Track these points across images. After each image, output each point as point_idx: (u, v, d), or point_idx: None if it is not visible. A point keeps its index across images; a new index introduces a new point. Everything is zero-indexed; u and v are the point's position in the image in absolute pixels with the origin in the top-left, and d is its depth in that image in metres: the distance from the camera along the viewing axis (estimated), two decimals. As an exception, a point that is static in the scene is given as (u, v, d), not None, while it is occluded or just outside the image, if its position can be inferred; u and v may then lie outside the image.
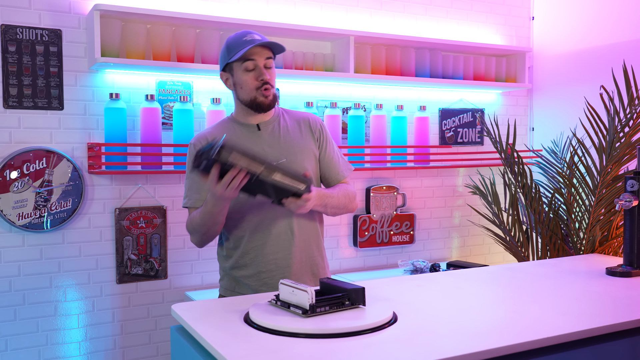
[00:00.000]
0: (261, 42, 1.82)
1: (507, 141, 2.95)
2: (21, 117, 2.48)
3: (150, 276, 2.73)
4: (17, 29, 2.45)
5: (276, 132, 1.91)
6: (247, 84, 1.85)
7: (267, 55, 1.86)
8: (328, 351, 1.17)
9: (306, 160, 1.91)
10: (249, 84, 1.85)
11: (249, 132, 1.90)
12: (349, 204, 1.96)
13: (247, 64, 1.83)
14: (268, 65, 1.86)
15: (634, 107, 2.59)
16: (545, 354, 1.25)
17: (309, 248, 1.93)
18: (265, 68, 1.85)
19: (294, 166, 1.85)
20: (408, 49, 3.20)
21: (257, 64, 1.84)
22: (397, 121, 3.21)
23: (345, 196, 1.93)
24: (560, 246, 2.84)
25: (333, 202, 1.88)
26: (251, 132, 1.90)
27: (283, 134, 1.92)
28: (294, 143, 1.91)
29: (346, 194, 1.94)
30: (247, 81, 1.85)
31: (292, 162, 1.87)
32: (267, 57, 1.86)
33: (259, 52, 1.84)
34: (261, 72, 1.84)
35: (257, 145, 1.87)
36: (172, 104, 2.75)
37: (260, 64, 1.84)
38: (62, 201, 2.52)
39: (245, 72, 1.84)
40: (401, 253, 3.38)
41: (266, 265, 1.88)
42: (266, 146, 1.88)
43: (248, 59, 1.83)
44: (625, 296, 1.60)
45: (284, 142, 1.90)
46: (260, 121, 1.92)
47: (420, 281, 1.80)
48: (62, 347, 2.58)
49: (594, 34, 3.36)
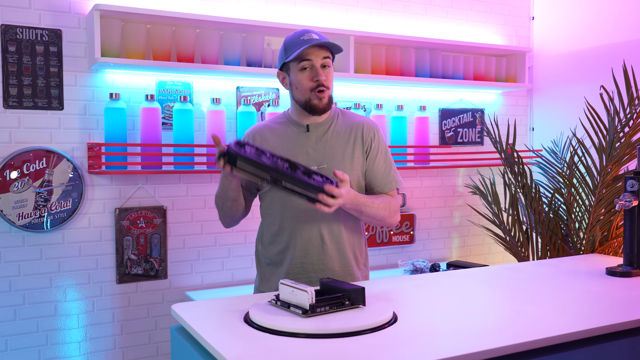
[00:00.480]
0: (318, 42, 1.78)
1: (507, 141, 2.95)
2: (21, 117, 2.48)
3: (150, 276, 2.73)
4: (17, 29, 2.45)
5: (325, 135, 1.87)
6: (302, 84, 1.81)
7: (324, 55, 1.81)
8: (328, 351, 1.17)
9: (350, 170, 1.85)
10: (303, 84, 1.81)
11: (298, 132, 1.87)
12: (388, 217, 1.86)
13: (303, 63, 1.80)
14: (326, 64, 1.82)
15: (634, 107, 2.59)
16: (545, 354, 1.25)
17: (344, 257, 1.88)
18: (321, 68, 1.81)
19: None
20: (408, 49, 3.20)
21: (314, 64, 1.80)
22: (397, 121, 3.21)
23: (385, 209, 1.84)
24: (560, 246, 2.84)
25: (370, 211, 1.80)
26: (300, 132, 1.87)
27: (331, 138, 1.87)
28: (339, 149, 1.86)
29: (387, 207, 1.85)
30: (302, 81, 1.81)
31: (334, 169, 1.81)
32: (325, 57, 1.81)
33: (316, 52, 1.80)
34: (317, 73, 1.80)
35: (301, 147, 1.85)
36: (172, 104, 2.75)
37: (316, 64, 1.80)
38: (62, 201, 2.52)
39: (301, 72, 1.81)
40: (401, 253, 3.38)
41: (293, 267, 1.86)
42: (310, 149, 1.85)
43: (304, 59, 1.79)
44: (625, 296, 1.60)
45: (329, 148, 1.86)
46: (312, 122, 1.88)
47: (420, 281, 1.80)
48: (62, 347, 2.58)
49: (594, 34, 3.36)
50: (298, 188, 1.64)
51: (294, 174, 1.64)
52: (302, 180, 1.64)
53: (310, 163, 1.83)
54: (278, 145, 1.86)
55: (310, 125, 1.87)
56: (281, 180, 1.63)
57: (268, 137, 1.89)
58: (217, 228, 2.85)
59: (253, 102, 2.91)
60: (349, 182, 1.76)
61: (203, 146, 2.69)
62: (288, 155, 1.80)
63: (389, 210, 1.86)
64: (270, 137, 1.89)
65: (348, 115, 1.95)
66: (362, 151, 1.89)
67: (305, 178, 1.65)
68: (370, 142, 1.90)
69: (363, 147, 1.89)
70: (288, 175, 1.63)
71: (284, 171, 1.63)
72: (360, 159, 1.88)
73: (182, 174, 2.77)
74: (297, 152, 1.84)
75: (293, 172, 1.64)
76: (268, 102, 2.94)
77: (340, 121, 1.91)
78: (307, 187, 1.65)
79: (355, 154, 1.87)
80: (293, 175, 1.63)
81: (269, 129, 1.91)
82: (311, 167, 1.73)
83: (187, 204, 2.80)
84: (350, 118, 1.93)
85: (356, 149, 1.88)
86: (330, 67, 1.84)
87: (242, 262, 2.93)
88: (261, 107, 2.93)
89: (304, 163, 1.80)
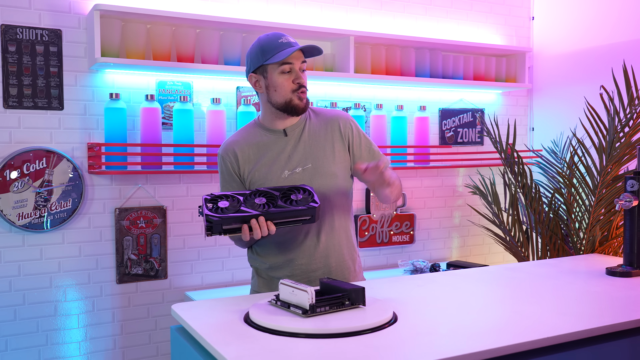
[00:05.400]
0: (302, 47, 1.82)
1: (507, 141, 2.95)
2: (21, 117, 2.48)
3: (150, 276, 2.73)
4: (17, 29, 2.45)
5: (303, 136, 1.88)
6: (283, 86, 1.82)
7: (303, 59, 1.85)
8: (328, 351, 1.17)
9: (333, 164, 1.88)
10: (285, 86, 1.82)
11: (276, 139, 1.88)
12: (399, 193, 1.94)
13: (284, 67, 1.81)
14: (303, 68, 1.85)
15: (634, 107, 2.59)
16: (545, 354, 1.25)
17: (338, 253, 1.91)
18: (300, 71, 1.84)
19: (321, 170, 1.85)
20: (408, 49, 3.20)
21: (294, 67, 1.82)
22: (397, 121, 3.21)
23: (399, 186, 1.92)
24: (560, 246, 2.84)
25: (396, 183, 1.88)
26: (278, 138, 1.88)
27: (310, 138, 1.89)
28: (319, 147, 1.88)
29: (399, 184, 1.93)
30: (283, 84, 1.82)
31: (318, 167, 1.85)
32: (303, 61, 1.85)
33: (297, 55, 1.83)
34: (298, 75, 1.82)
35: (282, 153, 1.86)
36: (172, 104, 2.75)
37: (296, 67, 1.82)
38: (62, 201, 2.52)
39: (282, 75, 1.82)
40: (401, 253, 3.39)
41: (292, 270, 1.87)
42: (291, 153, 1.86)
43: (286, 62, 1.81)
44: (625, 296, 1.60)
45: (309, 147, 1.87)
46: (287, 126, 1.89)
47: (420, 281, 1.80)
48: (62, 347, 2.58)
49: (594, 34, 3.36)
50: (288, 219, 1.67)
51: (277, 211, 1.65)
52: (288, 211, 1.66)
53: (294, 166, 1.84)
54: (259, 157, 1.86)
55: (287, 129, 1.88)
56: (271, 219, 1.65)
57: (247, 151, 1.88)
58: (217, 228, 2.85)
59: (253, 102, 2.91)
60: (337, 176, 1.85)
61: (203, 146, 2.69)
62: (270, 164, 1.83)
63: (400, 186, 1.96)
64: (249, 151, 1.88)
65: (319, 112, 1.97)
66: (342, 144, 1.91)
67: (289, 207, 1.67)
68: (350, 135, 1.93)
69: (343, 141, 1.91)
70: (274, 214, 1.65)
71: (268, 212, 1.65)
72: (342, 152, 1.91)
73: (182, 174, 2.77)
74: (279, 159, 1.85)
75: (275, 207, 1.67)
76: (268, 102, 2.94)
77: (313, 119, 1.93)
78: (295, 214, 1.67)
79: (336, 147, 1.90)
80: (277, 212, 1.65)
81: (246, 142, 1.89)
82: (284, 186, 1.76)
83: (187, 204, 2.80)
84: (322, 114, 1.96)
85: (336, 143, 1.90)
86: (305, 70, 1.89)
87: (242, 262, 2.93)
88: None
89: (288, 167, 1.84)
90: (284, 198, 1.69)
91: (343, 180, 1.90)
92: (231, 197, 1.68)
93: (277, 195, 1.70)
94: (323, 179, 1.85)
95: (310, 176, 1.84)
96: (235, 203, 1.65)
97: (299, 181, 1.83)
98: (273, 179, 1.83)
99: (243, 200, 1.67)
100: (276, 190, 1.72)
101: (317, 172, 1.85)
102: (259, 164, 1.85)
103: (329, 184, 1.86)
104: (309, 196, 1.70)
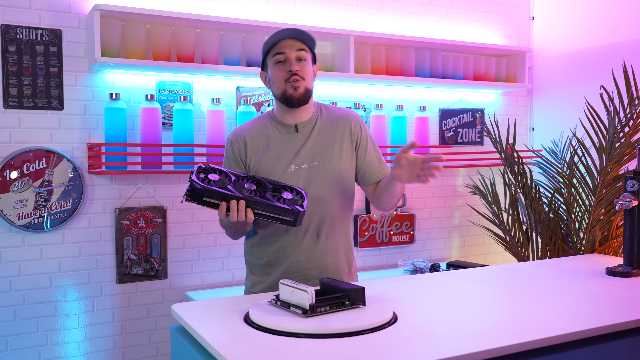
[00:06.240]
0: (290, 35, 1.80)
1: (507, 141, 2.95)
2: (21, 117, 2.48)
3: (150, 276, 2.73)
4: (17, 29, 2.45)
5: (313, 133, 1.88)
6: (277, 77, 1.82)
7: (298, 47, 1.81)
8: (328, 351, 1.17)
9: (339, 163, 1.88)
10: (278, 77, 1.82)
11: (287, 133, 1.88)
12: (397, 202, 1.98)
13: (278, 57, 1.81)
14: (300, 57, 1.82)
15: (634, 107, 2.59)
16: (545, 354, 1.25)
17: (335, 254, 1.90)
18: (297, 60, 1.81)
19: (327, 168, 1.84)
20: (408, 49, 3.20)
21: (288, 56, 1.80)
22: (397, 121, 3.21)
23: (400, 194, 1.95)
24: (560, 246, 2.84)
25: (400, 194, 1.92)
26: (289, 132, 1.88)
27: (318, 135, 1.88)
28: (328, 146, 1.88)
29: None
30: (276, 74, 1.82)
31: (325, 165, 1.85)
32: (299, 49, 1.82)
33: (290, 44, 1.81)
34: (290, 63, 1.80)
35: (291, 148, 1.86)
36: (172, 104, 2.75)
37: (291, 56, 1.80)
38: (62, 201, 2.52)
39: (276, 66, 1.82)
40: (401, 253, 3.39)
41: (289, 267, 1.86)
42: (300, 149, 1.86)
43: (279, 52, 1.81)
44: (625, 296, 1.60)
45: (318, 145, 1.87)
46: (298, 121, 1.88)
47: (420, 281, 1.80)
48: (62, 347, 2.58)
49: (594, 34, 3.36)
50: (269, 213, 1.65)
51: (260, 201, 1.64)
52: (270, 205, 1.64)
53: (301, 162, 1.84)
54: (268, 149, 1.86)
55: (299, 125, 1.88)
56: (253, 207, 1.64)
57: (257, 141, 1.88)
58: (217, 228, 2.85)
59: (253, 102, 2.91)
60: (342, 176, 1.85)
61: (203, 146, 2.69)
62: (277, 157, 1.82)
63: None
64: (259, 141, 1.88)
65: (331, 110, 1.96)
66: (351, 144, 1.91)
67: (273, 202, 1.65)
68: (359, 135, 1.93)
69: (352, 140, 1.91)
70: (256, 202, 1.63)
71: (251, 198, 1.63)
72: (349, 152, 1.91)
73: (182, 174, 2.77)
74: (287, 153, 1.85)
75: (261, 197, 1.65)
76: (268, 102, 2.94)
77: (324, 117, 1.92)
78: (277, 211, 1.65)
79: (344, 147, 1.90)
80: (259, 202, 1.63)
81: (257, 132, 1.89)
82: (282, 182, 1.75)
83: (187, 204, 2.80)
84: (334, 112, 1.95)
85: (344, 143, 1.90)
86: (307, 60, 1.84)
87: (242, 263, 2.92)
88: (261, 107, 2.93)
89: (295, 162, 1.83)
90: (274, 192, 1.69)
91: (348, 181, 1.90)
92: (225, 173, 1.67)
93: (269, 188, 1.69)
94: (328, 177, 1.85)
95: (315, 173, 1.84)
96: (226, 180, 1.65)
97: (304, 177, 1.83)
98: (279, 172, 1.83)
99: (234, 180, 1.66)
100: (271, 183, 1.71)
101: (323, 170, 1.85)
102: (267, 155, 1.85)
103: (334, 183, 1.86)
104: (299, 199, 1.69)
